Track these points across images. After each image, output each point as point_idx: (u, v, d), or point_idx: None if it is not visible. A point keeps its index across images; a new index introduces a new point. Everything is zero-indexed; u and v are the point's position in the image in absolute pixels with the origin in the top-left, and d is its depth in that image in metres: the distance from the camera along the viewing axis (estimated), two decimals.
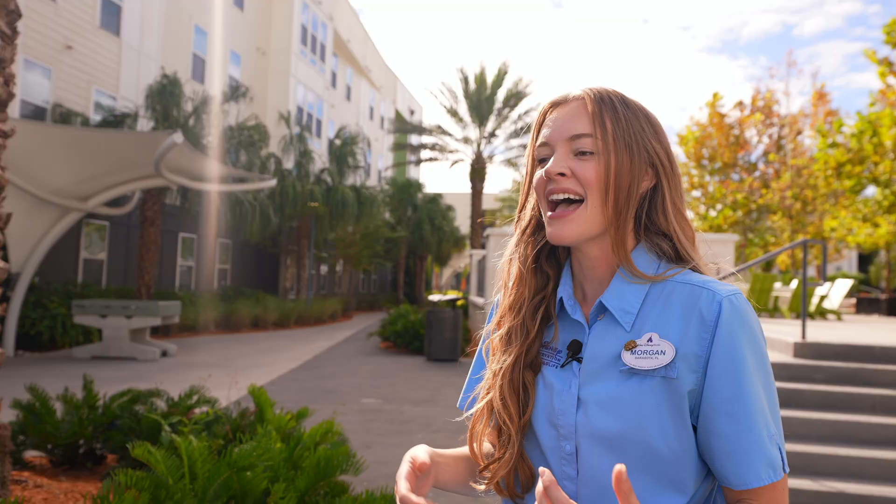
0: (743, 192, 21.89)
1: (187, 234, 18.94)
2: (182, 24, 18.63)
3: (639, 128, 0.91)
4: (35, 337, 11.51)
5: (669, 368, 0.84)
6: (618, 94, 0.93)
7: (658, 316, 0.87)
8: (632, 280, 0.90)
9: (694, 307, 0.86)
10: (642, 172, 0.91)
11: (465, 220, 38.74)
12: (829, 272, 37.02)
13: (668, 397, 0.84)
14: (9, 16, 3.14)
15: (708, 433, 0.84)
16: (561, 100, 0.95)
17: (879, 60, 14.94)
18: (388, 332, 13.97)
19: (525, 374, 0.94)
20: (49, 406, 4.16)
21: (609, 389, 0.86)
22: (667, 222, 0.93)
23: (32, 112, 13.23)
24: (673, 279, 0.89)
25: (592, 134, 0.89)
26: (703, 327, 0.84)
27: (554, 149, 0.92)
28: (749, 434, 0.82)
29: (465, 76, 25.18)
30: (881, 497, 3.87)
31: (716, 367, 0.83)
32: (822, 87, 22.18)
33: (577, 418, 0.87)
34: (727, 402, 0.82)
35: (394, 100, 39.45)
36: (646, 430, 0.83)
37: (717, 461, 0.84)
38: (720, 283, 0.89)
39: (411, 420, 6.64)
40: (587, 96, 0.92)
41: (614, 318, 0.89)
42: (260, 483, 2.56)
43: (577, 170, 0.89)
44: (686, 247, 0.93)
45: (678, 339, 0.85)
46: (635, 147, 0.90)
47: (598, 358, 0.89)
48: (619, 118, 0.90)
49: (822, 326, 8.77)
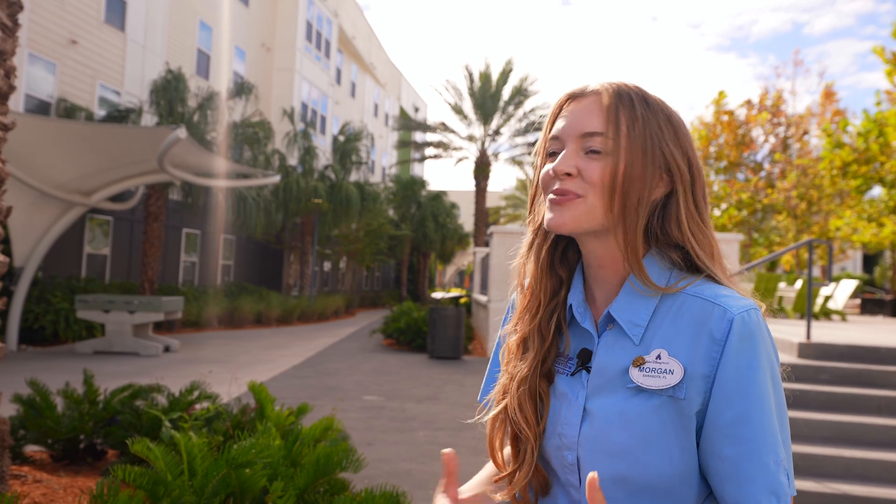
0: (748, 192, 21.82)
1: (191, 230, 18.95)
2: (187, 20, 18.62)
3: (657, 129, 0.86)
4: (38, 331, 11.53)
5: (677, 389, 0.81)
6: (638, 91, 0.87)
7: (668, 330, 0.84)
8: (642, 291, 0.86)
9: (704, 325, 0.81)
10: (656, 178, 0.86)
11: (469, 217, 38.70)
12: (834, 272, 36.89)
13: (674, 417, 0.81)
14: (10, 7, 3.13)
15: (708, 455, 0.81)
16: (578, 92, 0.89)
17: (888, 58, 14.85)
18: (391, 330, 13.96)
19: (541, 383, 0.92)
20: (49, 401, 4.15)
21: (615, 404, 0.84)
22: (680, 234, 0.87)
23: (37, 106, 13.24)
24: (685, 291, 0.85)
25: (605, 133, 0.84)
26: (713, 345, 0.80)
27: (565, 144, 0.87)
28: (752, 459, 0.78)
29: (470, 73, 25.14)
30: (887, 499, 3.84)
31: (722, 387, 0.79)
32: (829, 87, 22.08)
33: (582, 429, 0.85)
34: (731, 424, 0.79)
35: (398, 97, 39.41)
36: (650, 448, 0.81)
37: (717, 484, 0.81)
38: (734, 296, 0.83)
39: (413, 418, 6.62)
40: (605, 91, 0.87)
41: (623, 330, 0.86)
42: (258, 480, 2.54)
43: (585, 169, 0.85)
44: (703, 258, 0.87)
45: (687, 357, 0.81)
46: (650, 150, 0.85)
47: (606, 370, 0.86)
48: (637, 117, 0.85)
49: (827, 327, 8.72)
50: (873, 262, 40.84)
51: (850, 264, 44.37)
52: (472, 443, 5.61)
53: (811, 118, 22.37)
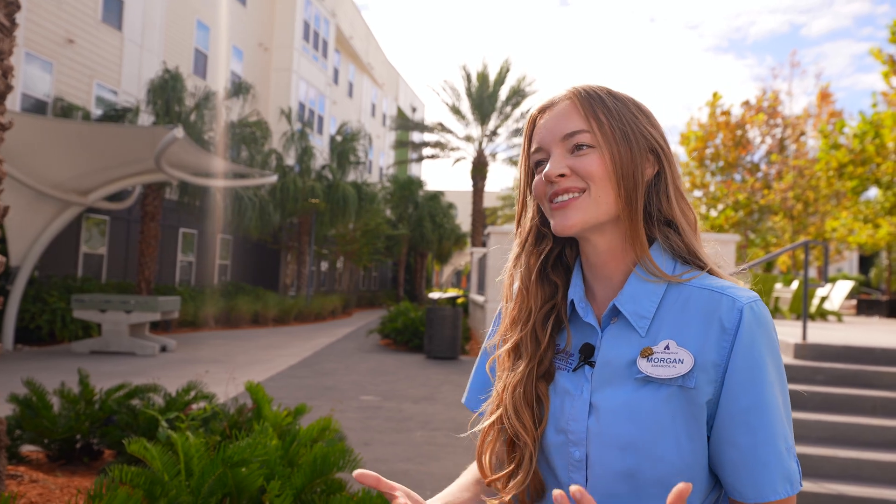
0: (745, 193, 21.86)
1: (188, 230, 18.93)
2: (184, 19, 18.60)
3: (632, 116, 0.90)
4: (34, 331, 11.50)
5: (687, 378, 0.81)
6: (604, 88, 0.91)
7: (675, 321, 0.85)
8: (648, 279, 0.87)
9: (713, 314, 0.83)
10: (644, 160, 0.89)
11: (467, 217, 38.72)
12: (830, 273, 36.99)
13: (684, 407, 0.82)
14: (7, 7, 3.12)
15: (723, 443, 0.82)
16: (548, 104, 0.93)
17: (885, 59, 14.90)
18: (388, 330, 13.96)
19: (538, 385, 0.91)
20: (46, 400, 4.14)
21: (623, 396, 0.84)
22: (670, 208, 0.90)
23: (33, 106, 13.21)
24: (690, 283, 0.87)
25: (587, 129, 0.87)
26: (723, 335, 0.82)
27: (549, 152, 0.90)
28: (767, 446, 0.79)
29: (468, 74, 25.15)
30: (881, 499, 3.85)
31: (735, 375, 0.81)
32: (825, 88, 22.14)
33: (589, 424, 0.85)
34: (745, 411, 0.80)
35: (396, 97, 39.41)
36: (659, 440, 0.81)
37: (731, 473, 0.81)
38: (739, 288, 0.86)
39: (410, 418, 6.63)
40: (574, 94, 0.90)
41: (628, 323, 0.87)
42: (255, 480, 2.54)
43: (577, 166, 0.87)
44: (688, 234, 0.90)
45: (697, 347, 0.82)
46: (632, 135, 0.88)
47: (611, 363, 0.86)
48: (611, 109, 0.88)
49: (823, 328, 8.74)
50: (869, 264, 40.97)
51: (846, 265, 44.47)
52: (468, 443, 5.60)
53: (808, 119, 22.43)
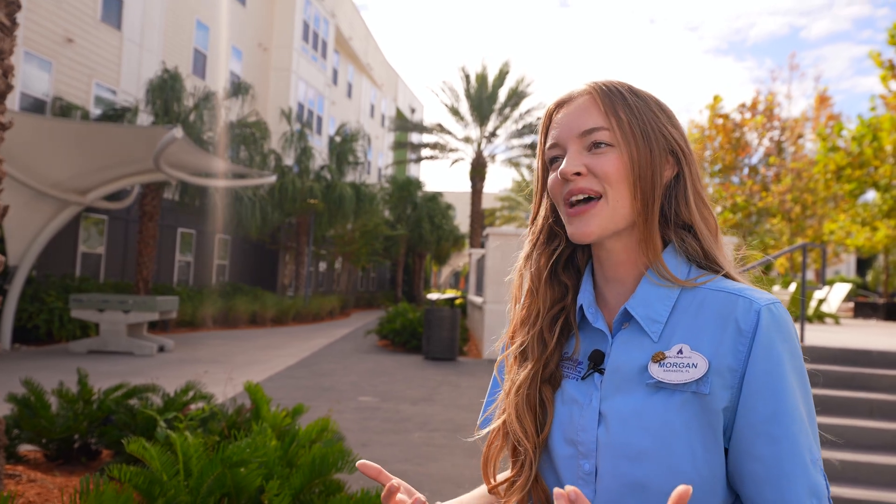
0: (743, 195, 21.90)
1: (186, 230, 18.91)
2: (184, 19, 18.59)
3: (653, 115, 0.86)
4: (32, 330, 11.49)
5: (701, 383, 0.77)
6: (625, 84, 0.88)
7: (689, 326, 0.81)
8: (660, 283, 0.83)
9: (729, 316, 0.79)
10: (663, 161, 0.85)
11: (465, 218, 38.72)
12: (828, 276, 37.02)
13: (698, 414, 0.76)
14: (8, 7, 3.12)
15: (742, 455, 0.76)
16: (566, 98, 0.89)
17: (883, 63, 14.94)
18: (386, 331, 13.96)
19: (543, 389, 0.87)
20: (44, 400, 4.14)
21: (633, 403, 0.79)
22: (689, 212, 0.86)
23: (32, 105, 13.20)
24: (705, 286, 0.82)
25: (607, 126, 0.84)
26: (740, 338, 0.77)
27: (566, 148, 0.86)
28: (791, 458, 0.74)
29: (467, 75, 25.18)
30: (878, 502, 3.86)
31: (753, 382, 0.76)
32: (824, 91, 22.19)
33: (598, 434, 0.81)
34: (766, 421, 0.75)
35: (395, 98, 39.42)
36: (672, 450, 0.76)
37: (753, 487, 0.76)
38: (757, 290, 0.81)
39: (408, 419, 6.63)
40: (594, 89, 0.87)
41: (640, 328, 0.83)
42: (254, 480, 2.55)
43: (594, 165, 0.83)
44: (708, 240, 0.86)
45: (711, 351, 0.78)
46: (653, 135, 0.85)
47: (621, 369, 0.82)
48: (632, 107, 0.85)
49: (821, 330, 8.76)
50: (867, 266, 41.05)
51: (843, 268, 44.54)
52: (466, 444, 5.61)
53: (806, 122, 22.47)
